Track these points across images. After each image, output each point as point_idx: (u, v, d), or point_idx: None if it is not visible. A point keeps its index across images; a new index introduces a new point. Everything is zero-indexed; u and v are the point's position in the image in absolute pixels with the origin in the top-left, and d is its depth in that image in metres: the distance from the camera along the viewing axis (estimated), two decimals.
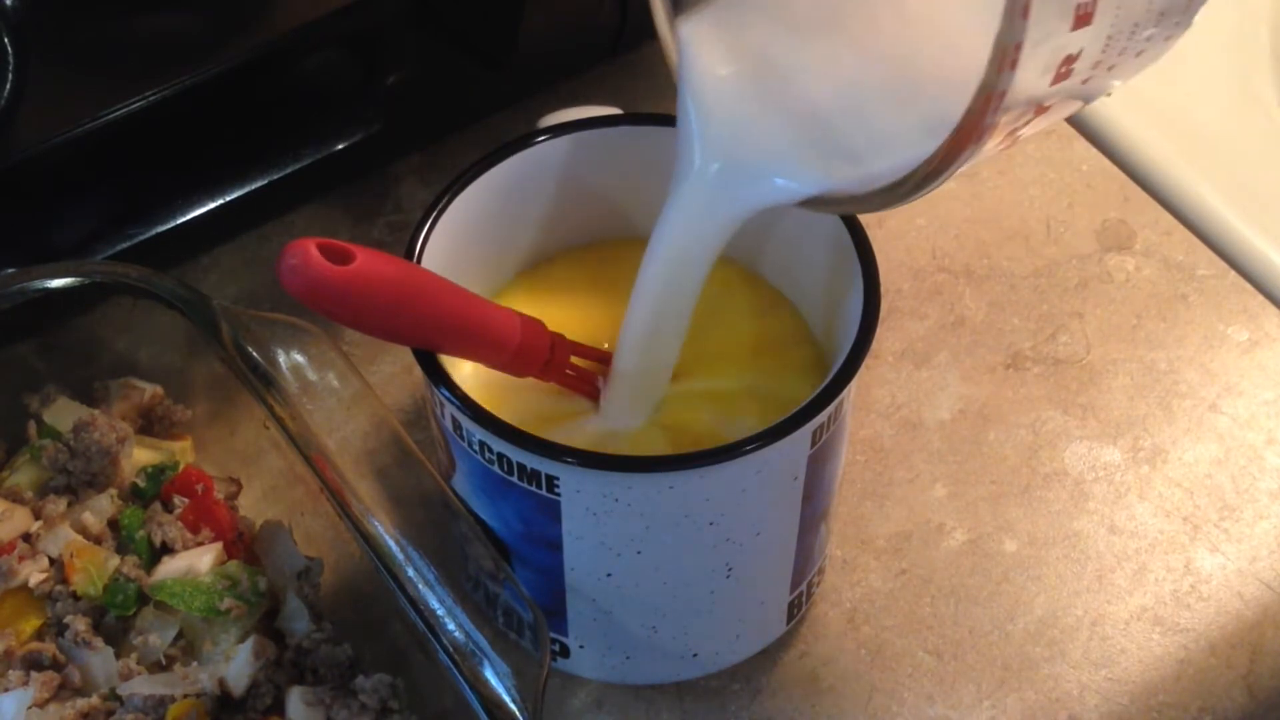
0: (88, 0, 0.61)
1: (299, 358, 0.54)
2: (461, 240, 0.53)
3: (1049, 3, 0.38)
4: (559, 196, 0.55)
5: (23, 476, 0.57)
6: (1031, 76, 0.39)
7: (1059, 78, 0.40)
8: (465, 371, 0.52)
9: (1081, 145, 0.72)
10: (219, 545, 0.54)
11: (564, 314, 0.54)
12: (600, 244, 0.57)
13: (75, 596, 0.54)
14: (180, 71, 0.61)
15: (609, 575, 0.51)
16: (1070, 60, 0.40)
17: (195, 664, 0.52)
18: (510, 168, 0.53)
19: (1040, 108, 0.41)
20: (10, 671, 0.52)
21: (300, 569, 0.54)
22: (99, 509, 0.55)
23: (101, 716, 0.51)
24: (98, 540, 0.55)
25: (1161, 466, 0.62)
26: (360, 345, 0.64)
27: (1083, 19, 0.39)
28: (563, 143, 0.54)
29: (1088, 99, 0.44)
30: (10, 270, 0.56)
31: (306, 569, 0.54)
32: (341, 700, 0.51)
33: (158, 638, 0.53)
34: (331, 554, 0.55)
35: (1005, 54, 0.38)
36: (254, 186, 0.65)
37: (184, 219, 0.64)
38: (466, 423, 0.48)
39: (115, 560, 0.54)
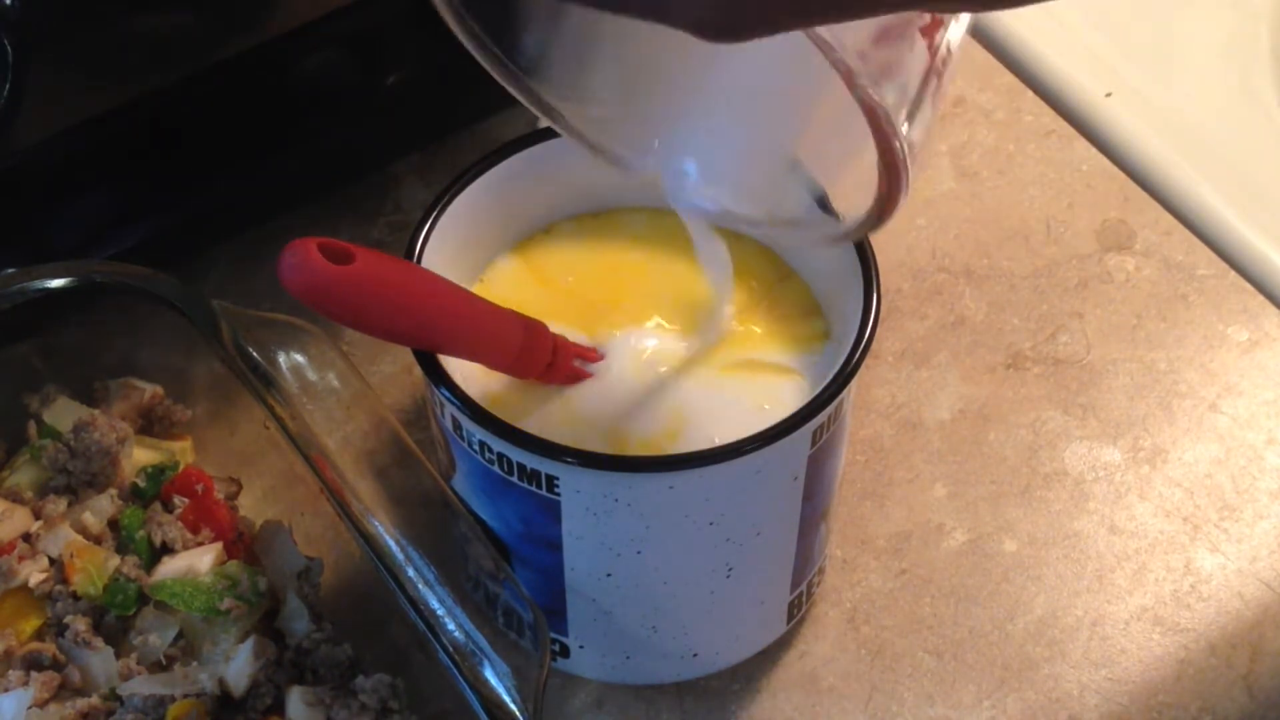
0: (88, 0, 0.61)
1: (299, 358, 0.54)
2: (461, 240, 0.53)
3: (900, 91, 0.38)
4: (558, 195, 0.55)
5: (23, 476, 0.57)
6: (921, 129, 0.40)
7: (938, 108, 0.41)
8: (465, 371, 0.52)
9: (1081, 145, 0.72)
10: (219, 545, 0.54)
11: (558, 280, 0.54)
12: (595, 214, 0.57)
13: (75, 596, 0.54)
14: (180, 71, 0.61)
15: (609, 575, 0.51)
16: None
17: (195, 664, 0.52)
18: (510, 168, 0.54)
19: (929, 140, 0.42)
20: (10, 671, 0.52)
21: (300, 569, 0.54)
22: (99, 509, 0.55)
23: (101, 716, 0.51)
24: (98, 540, 0.55)
25: (1161, 466, 0.62)
26: (360, 345, 0.64)
27: (936, 70, 0.39)
28: (562, 142, 0.54)
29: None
30: (10, 270, 0.56)
31: (306, 569, 0.54)
32: (341, 700, 0.51)
33: (158, 638, 0.53)
34: (331, 554, 0.55)
35: (896, 155, 0.39)
36: (254, 186, 0.65)
37: (184, 219, 0.64)
38: (466, 423, 0.48)
39: (115, 560, 0.54)
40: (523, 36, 0.47)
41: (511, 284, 0.55)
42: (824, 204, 0.48)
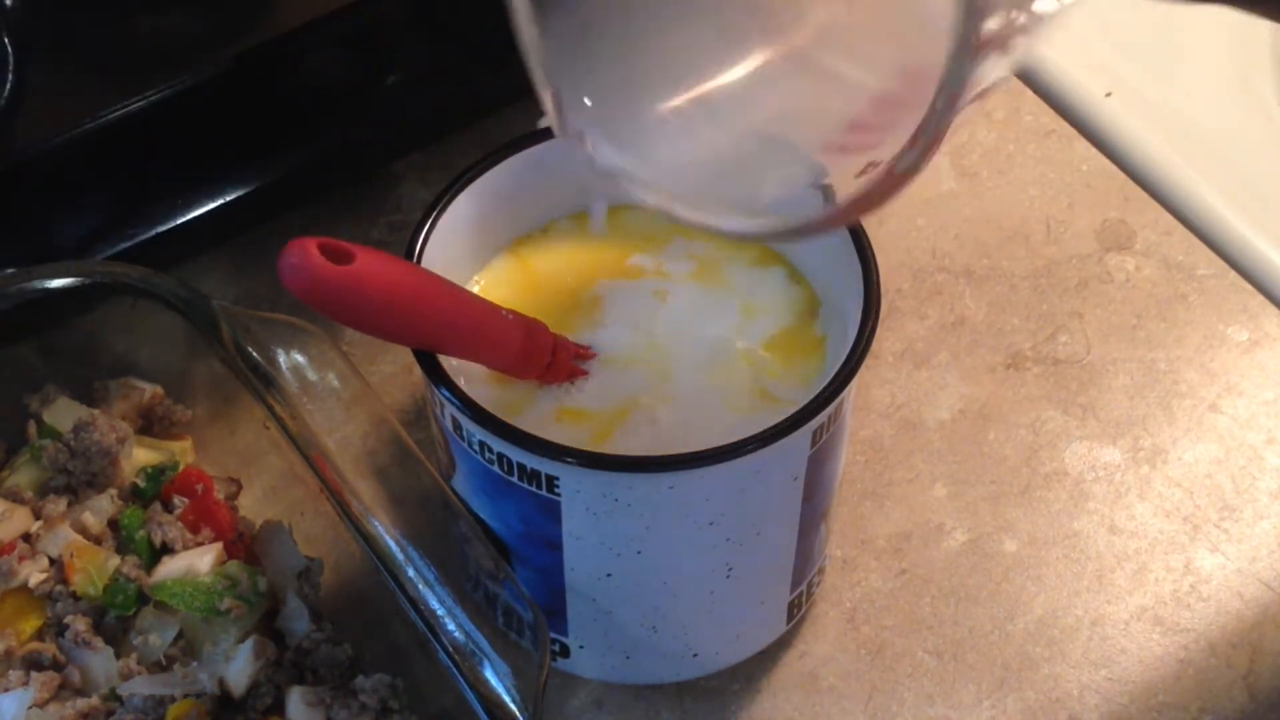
0: (88, 0, 0.61)
1: (299, 358, 0.54)
2: (461, 239, 0.53)
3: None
4: (557, 194, 0.55)
5: (23, 476, 0.57)
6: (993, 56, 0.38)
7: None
8: (465, 371, 0.52)
9: (1081, 145, 0.72)
10: (219, 545, 0.54)
11: (554, 279, 0.54)
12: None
13: (75, 596, 0.54)
14: (180, 71, 0.61)
15: (609, 575, 0.51)
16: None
17: (195, 664, 0.52)
18: (509, 168, 0.54)
19: (983, 91, 0.40)
20: (10, 671, 0.52)
21: (300, 569, 0.54)
22: (99, 509, 0.55)
23: (101, 716, 0.51)
24: (98, 540, 0.55)
25: (1161, 466, 0.62)
26: (360, 345, 0.64)
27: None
28: (562, 142, 0.54)
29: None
30: (10, 270, 0.56)
31: (306, 569, 0.54)
32: (341, 700, 0.51)
33: (158, 638, 0.53)
34: (331, 554, 0.55)
35: (966, 43, 0.37)
36: (254, 186, 0.65)
37: (184, 219, 0.64)
38: (466, 423, 0.48)
39: (115, 560, 0.54)
40: None
41: (508, 283, 0.55)
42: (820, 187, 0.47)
